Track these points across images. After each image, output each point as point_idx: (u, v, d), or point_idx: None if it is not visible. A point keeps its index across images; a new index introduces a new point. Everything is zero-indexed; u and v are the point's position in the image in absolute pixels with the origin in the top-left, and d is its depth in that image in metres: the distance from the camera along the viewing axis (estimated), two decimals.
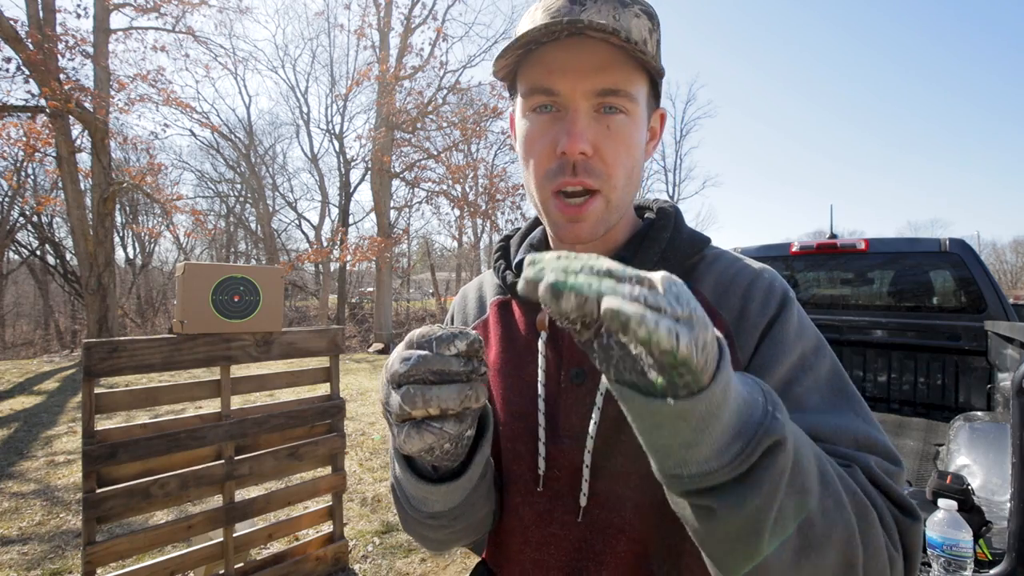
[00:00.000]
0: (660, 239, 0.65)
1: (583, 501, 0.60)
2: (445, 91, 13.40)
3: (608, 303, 0.32)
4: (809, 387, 0.56)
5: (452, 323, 0.80)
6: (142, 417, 5.04)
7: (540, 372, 0.64)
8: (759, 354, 0.58)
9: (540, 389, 0.64)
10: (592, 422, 0.59)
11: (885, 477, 0.50)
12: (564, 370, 0.64)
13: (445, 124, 13.34)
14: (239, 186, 22.07)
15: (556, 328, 0.65)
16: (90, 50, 9.66)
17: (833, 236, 3.79)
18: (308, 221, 24.25)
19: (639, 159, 0.61)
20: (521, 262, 0.70)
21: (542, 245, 0.73)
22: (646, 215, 0.73)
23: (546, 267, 0.35)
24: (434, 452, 0.47)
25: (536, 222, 0.77)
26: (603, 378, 0.57)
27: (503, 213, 13.40)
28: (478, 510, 0.62)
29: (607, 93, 0.56)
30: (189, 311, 2.12)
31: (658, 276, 0.35)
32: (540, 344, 0.65)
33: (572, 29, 0.53)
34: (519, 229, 0.79)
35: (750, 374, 0.44)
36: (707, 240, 0.68)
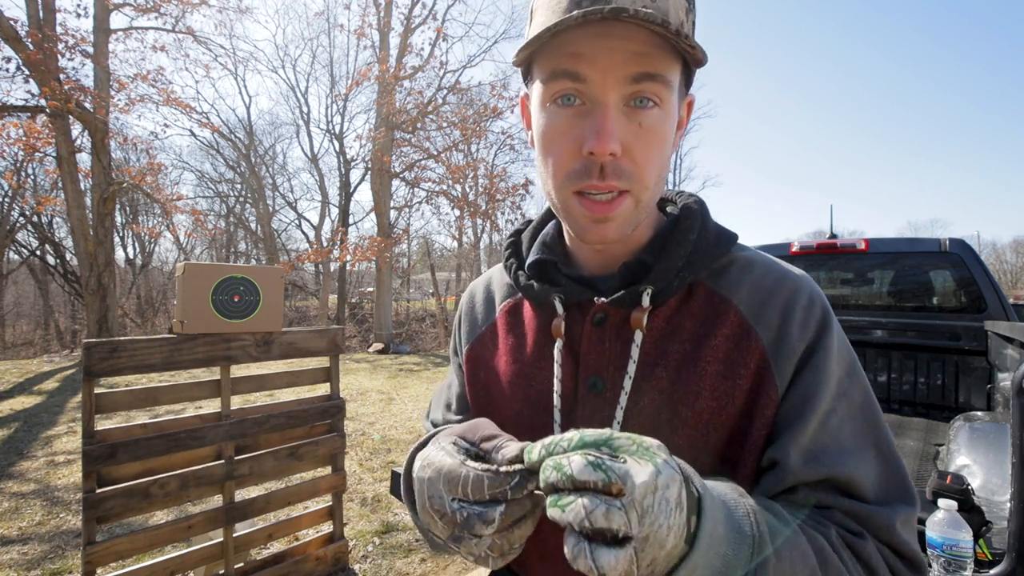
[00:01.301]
0: (685, 241, 0.60)
1: None
2: (445, 91, 13.42)
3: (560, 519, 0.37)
4: (844, 417, 0.54)
5: (460, 326, 0.77)
6: (142, 417, 5.04)
7: (556, 382, 0.60)
8: (800, 382, 0.54)
9: (556, 400, 0.60)
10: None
11: (901, 535, 0.51)
12: (581, 378, 0.60)
13: (445, 124, 13.34)
14: (239, 186, 22.07)
15: (572, 334, 0.62)
16: (90, 50, 9.66)
17: (833, 236, 3.78)
18: (308, 221, 24.27)
19: (669, 155, 0.57)
20: (535, 262, 0.66)
21: (555, 243, 0.68)
22: (668, 209, 0.67)
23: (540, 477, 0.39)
24: None
25: (548, 215, 0.72)
26: (624, 389, 0.56)
27: (503, 213, 13.40)
28: None
29: (643, 78, 0.51)
30: (189, 311, 2.12)
31: (639, 480, 0.35)
32: (556, 352, 0.61)
33: (613, 14, 0.48)
34: (531, 222, 0.74)
35: (753, 507, 0.44)
36: (734, 238, 0.63)
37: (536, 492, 0.43)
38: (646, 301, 0.57)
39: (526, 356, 0.65)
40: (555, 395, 0.60)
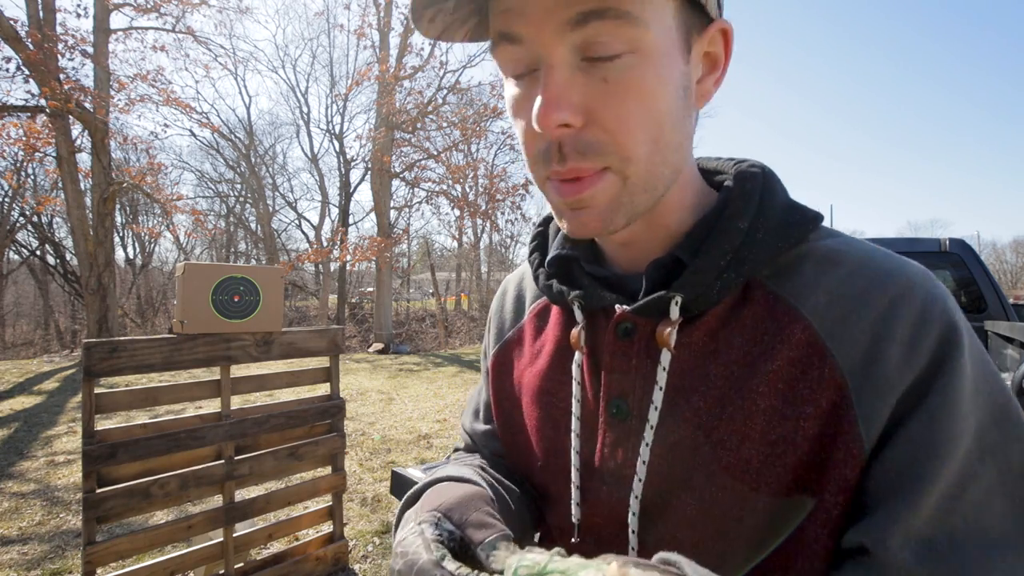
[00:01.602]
0: (732, 229, 0.44)
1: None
2: (445, 91, 13.41)
3: None
4: (992, 488, 0.36)
5: (489, 328, 0.69)
6: (142, 417, 5.04)
7: (575, 403, 0.51)
8: (908, 432, 0.37)
9: (575, 423, 0.51)
10: (637, 478, 0.46)
11: None
12: (604, 400, 0.50)
13: (445, 124, 13.34)
14: (239, 186, 22.09)
15: (596, 344, 0.51)
16: (90, 50, 9.66)
17: None
18: (308, 221, 24.31)
19: (672, 110, 0.41)
20: (555, 258, 0.55)
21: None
22: (725, 183, 0.50)
23: None
24: None
25: None
26: (650, 422, 0.45)
27: (503, 213, 13.40)
28: None
29: (589, 18, 0.37)
30: (189, 311, 2.12)
31: None
32: (574, 368, 0.52)
33: None
34: None
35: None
36: (814, 221, 0.45)
37: None
38: (675, 313, 0.44)
39: (549, 366, 0.56)
40: (573, 418, 0.51)
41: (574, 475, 0.51)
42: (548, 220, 0.61)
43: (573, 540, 0.52)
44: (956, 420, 0.37)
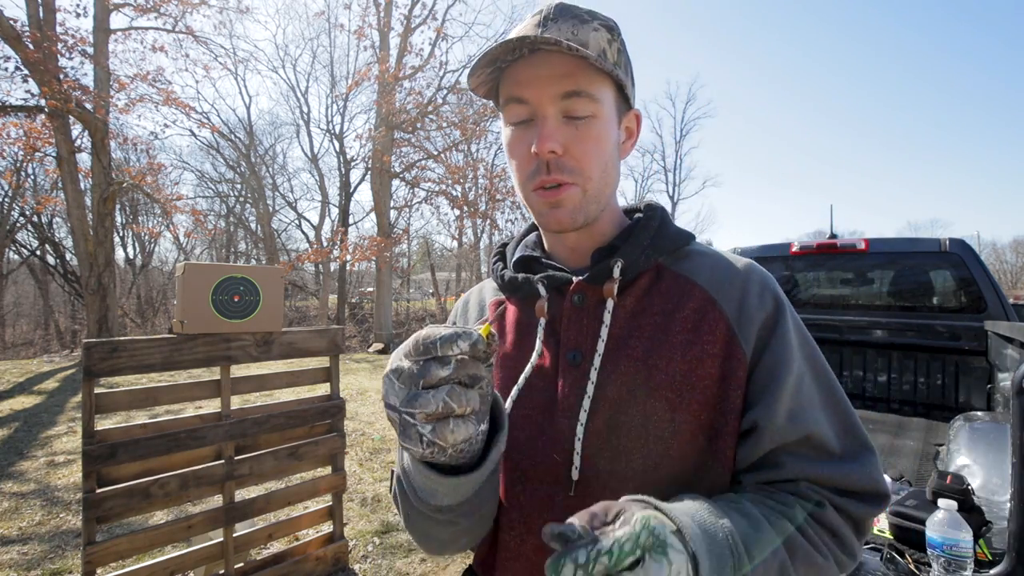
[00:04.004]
0: (649, 227, 0.69)
1: (575, 475, 0.60)
2: (445, 91, 13.40)
3: None
4: (811, 383, 0.62)
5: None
6: (142, 417, 5.04)
7: (535, 355, 0.67)
8: (769, 351, 0.61)
9: (528, 368, 0.67)
10: (587, 396, 0.61)
11: (873, 477, 0.59)
12: (562, 354, 0.66)
13: (445, 124, 13.33)
14: (239, 186, 22.06)
15: (553, 315, 0.69)
16: (90, 50, 9.66)
17: (833, 236, 3.78)
18: (308, 221, 24.25)
19: (612, 155, 0.66)
20: (519, 259, 0.75)
21: (536, 246, 0.78)
22: (636, 213, 0.76)
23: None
24: (463, 447, 0.48)
25: (529, 229, 0.82)
26: (598, 351, 0.63)
27: (503, 213, 13.43)
28: (484, 504, 0.60)
29: (570, 95, 0.61)
30: (189, 311, 2.12)
31: None
32: (540, 330, 0.68)
33: (530, 46, 0.59)
34: (514, 237, 0.83)
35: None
36: (691, 235, 0.72)
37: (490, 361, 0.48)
38: (616, 273, 0.64)
39: (511, 348, 0.71)
40: (529, 365, 0.67)
41: (513, 395, 0.67)
42: (504, 244, 0.83)
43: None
44: (792, 342, 0.62)
